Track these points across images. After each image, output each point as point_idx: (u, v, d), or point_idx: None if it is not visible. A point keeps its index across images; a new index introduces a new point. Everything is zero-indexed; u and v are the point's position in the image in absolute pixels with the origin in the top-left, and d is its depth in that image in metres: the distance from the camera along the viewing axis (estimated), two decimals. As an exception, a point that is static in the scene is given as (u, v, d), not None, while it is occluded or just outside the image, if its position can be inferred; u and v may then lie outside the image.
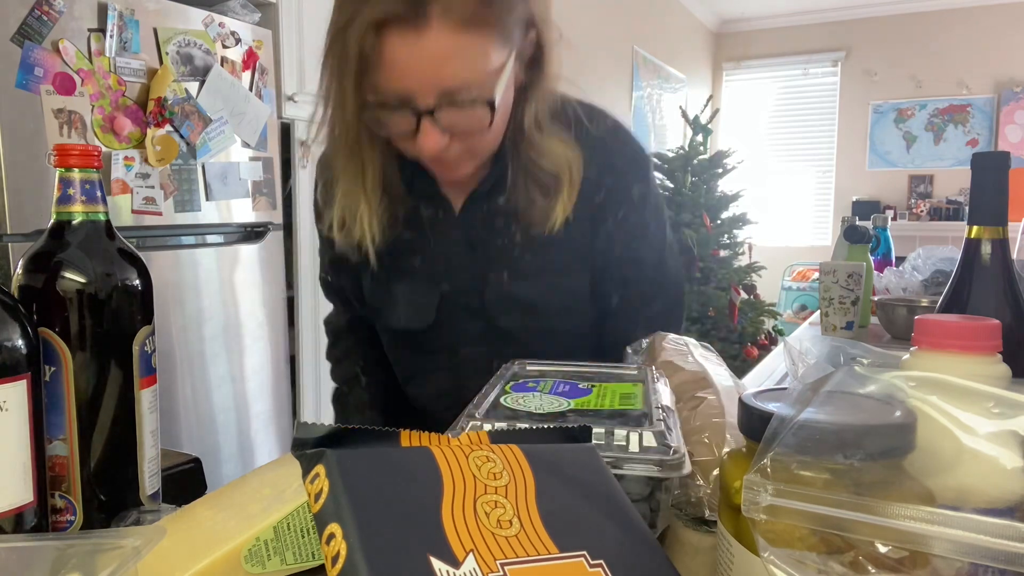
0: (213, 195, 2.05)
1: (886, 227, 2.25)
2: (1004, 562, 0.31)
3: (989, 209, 0.63)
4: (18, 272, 0.59)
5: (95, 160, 0.60)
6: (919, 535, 0.32)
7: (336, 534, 0.35)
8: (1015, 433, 0.37)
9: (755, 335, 4.23)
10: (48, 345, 0.57)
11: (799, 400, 0.41)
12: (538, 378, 0.67)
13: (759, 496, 0.35)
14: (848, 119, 6.42)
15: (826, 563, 0.34)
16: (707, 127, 4.53)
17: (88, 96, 1.72)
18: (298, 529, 0.49)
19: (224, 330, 2.11)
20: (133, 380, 0.61)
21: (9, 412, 0.51)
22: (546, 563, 0.37)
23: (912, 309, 1.61)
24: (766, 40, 6.64)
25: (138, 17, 1.82)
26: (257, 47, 2.15)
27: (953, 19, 5.96)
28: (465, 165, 0.87)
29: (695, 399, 0.65)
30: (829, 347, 0.50)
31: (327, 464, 0.38)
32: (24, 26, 1.60)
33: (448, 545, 0.35)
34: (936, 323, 0.47)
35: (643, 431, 0.51)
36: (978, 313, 0.59)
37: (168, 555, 0.47)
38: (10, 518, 0.52)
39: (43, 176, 1.63)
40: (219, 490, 0.57)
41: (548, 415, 0.56)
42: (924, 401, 0.39)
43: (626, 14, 4.92)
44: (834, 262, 1.71)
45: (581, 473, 0.44)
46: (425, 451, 0.41)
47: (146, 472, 0.63)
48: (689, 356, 0.77)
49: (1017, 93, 5.82)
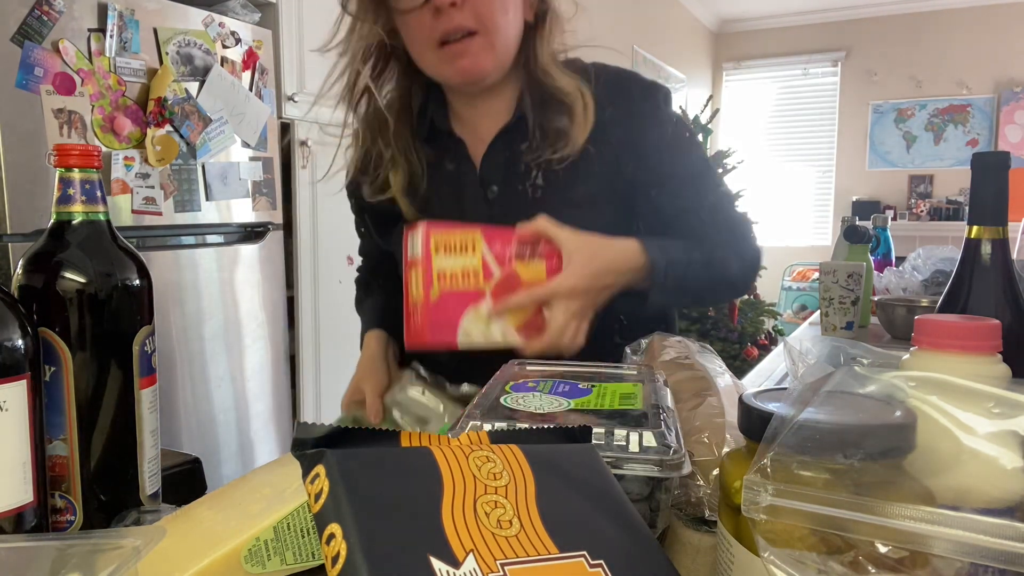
0: (213, 195, 2.05)
1: (886, 227, 2.25)
2: (1004, 562, 0.31)
3: (989, 209, 0.63)
4: (18, 272, 0.59)
5: (95, 160, 0.60)
6: (919, 535, 0.32)
7: (336, 534, 0.35)
8: (1015, 433, 0.36)
9: (755, 335, 4.23)
10: (48, 345, 0.57)
11: (799, 400, 0.41)
12: (538, 378, 0.67)
13: (759, 496, 0.35)
14: (848, 119, 6.42)
15: (826, 563, 0.34)
16: (707, 127, 4.53)
17: (88, 96, 1.72)
18: (298, 529, 0.49)
19: (224, 330, 2.11)
20: (133, 380, 0.61)
21: (9, 412, 0.51)
22: (546, 563, 0.37)
23: (912, 309, 1.61)
24: (766, 40, 6.64)
25: (138, 17, 1.82)
26: (257, 47, 2.15)
27: (953, 19, 5.96)
28: (485, 58, 0.89)
29: (695, 399, 0.65)
30: (829, 347, 0.50)
31: (327, 464, 0.37)
32: (24, 26, 1.60)
33: (448, 545, 0.35)
34: (936, 323, 0.47)
35: (643, 431, 0.51)
36: (978, 313, 0.59)
37: (168, 555, 0.47)
38: (10, 518, 0.52)
39: (43, 176, 1.63)
40: (219, 490, 0.57)
41: (548, 415, 0.56)
42: (924, 401, 0.39)
43: (626, 14, 4.92)
44: (834, 262, 1.71)
45: (581, 473, 0.44)
46: (425, 451, 0.41)
47: (146, 472, 0.63)
48: (689, 356, 0.77)
49: (1017, 93, 5.82)
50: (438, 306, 0.78)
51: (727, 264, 0.94)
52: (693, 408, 0.63)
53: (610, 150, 0.95)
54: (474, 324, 0.79)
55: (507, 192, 0.96)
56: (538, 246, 0.82)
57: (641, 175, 0.95)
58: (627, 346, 0.86)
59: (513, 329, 0.80)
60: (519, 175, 0.95)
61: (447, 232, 0.79)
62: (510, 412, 0.57)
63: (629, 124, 0.95)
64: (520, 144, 0.96)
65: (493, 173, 0.97)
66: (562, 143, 0.92)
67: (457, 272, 0.78)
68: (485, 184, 0.97)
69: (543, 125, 0.94)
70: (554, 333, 0.79)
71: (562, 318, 0.80)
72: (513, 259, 0.80)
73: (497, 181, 0.97)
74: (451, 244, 0.79)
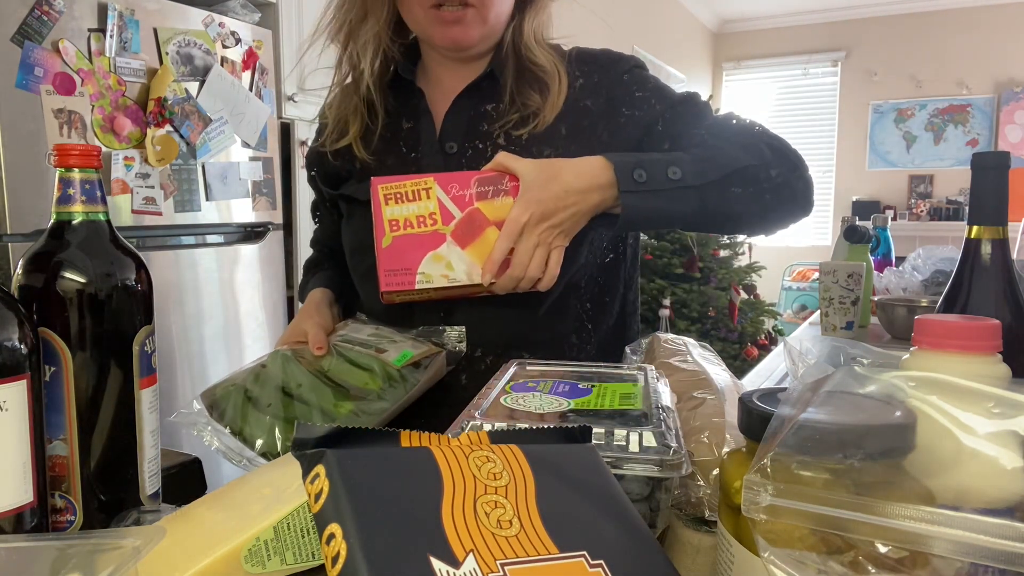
0: (213, 195, 2.05)
1: (886, 227, 2.25)
2: (1004, 562, 0.31)
3: (989, 209, 0.63)
4: (18, 272, 0.59)
5: (95, 160, 0.60)
6: (919, 535, 0.32)
7: (336, 534, 0.35)
8: (1015, 433, 0.36)
9: (755, 335, 4.23)
10: (48, 345, 0.57)
11: (799, 400, 0.41)
12: (538, 378, 0.67)
13: (759, 496, 0.35)
14: (848, 119, 6.42)
15: (826, 563, 0.34)
16: (707, 127, 4.52)
17: (88, 96, 1.72)
18: (298, 529, 0.49)
19: (224, 330, 2.11)
20: (133, 380, 0.61)
21: (9, 412, 0.51)
22: (546, 563, 0.37)
23: (912, 309, 1.61)
24: (766, 40, 6.64)
25: (138, 17, 1.82)
26: (257, 47, 2.15)
27: (953, 19, 5.96)
28: (475, 30, 0.90)
29: (695, 399, 0.65)
30: (829, 347, 0.50)
31: (327, 464, 0.38)
32: (24, 26, 1.60)
33: (448, 545, 0.35)
34: (936, 323, 0.47)
35: (643, 431, 0.51)
36: (978, 313, 0.59)
37: (168, 555, 0.47)
38: (10, 518, 0.52)
39: (43, 176, 1.63)
40: (219, 490, 0.57)
41: (548, 415, 0.56)
42: (924, 401, 0.39)
43: (626, 14, 4.92)
44: (834, 262, 1.71)
45: (581, 473, 0.44)
46: (425, 451, 0.41)
47: (146, 472, 0.63)
48: (688, 356, 0.77)
49: (1017, 93, 5.82)
50: (390, 252, 0.79)
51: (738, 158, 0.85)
52: (693, 408, 0.63)
53: (587, 120, 0.93)
54: (433, 266, 0.79)
55: (466, 149, 0.95)
56: (502, 183, 0.81)
57: (621, 135, 0.93)
58: (627, 346, 0.86)
59: (478, 267, 0.79)
60: (480, 134, 0.94)
61: (396, 182, 0.80)
62: (510, 412, 0.57)
63: (601, 92, 0.94)
64: (486, 104, 0.95)
65: (454, 129, 0.96)
66: (531, 118, 0.92)
67: (412, 218, 0.79)
68: (443, 139, 0.96)
69: (515, 94, 0.94)
70: (517, 264, 0.78)
71: (523, 247, 0.78)
72: (474, 199, 0.80)
73: (457, 138, 0.95)
74: (402, 193, 0.80)
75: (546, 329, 0.93)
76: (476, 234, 0.79)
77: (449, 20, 0.88)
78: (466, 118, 0.96)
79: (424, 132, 0.97)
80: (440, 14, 0.88)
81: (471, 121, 0.95)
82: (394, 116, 0.99)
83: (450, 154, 0.95)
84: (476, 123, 0.95)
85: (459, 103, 0.96)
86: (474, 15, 0.88)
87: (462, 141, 0.95)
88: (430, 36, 0.92)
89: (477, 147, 0.94)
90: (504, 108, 0.94)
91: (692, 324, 3.98)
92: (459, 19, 0.88)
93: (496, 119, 0.94)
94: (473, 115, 0.95)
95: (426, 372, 0.84)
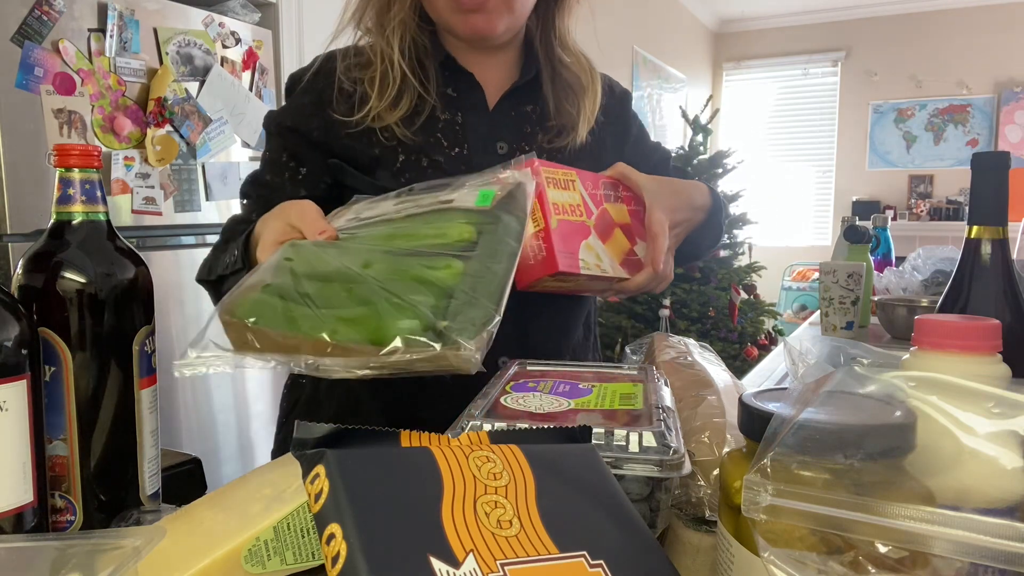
0: (213, 195, 2.05)
1: (886, 227, 2.25)
2: (1004, 562, 0.31)
3: (989, 209, 0.63)
4: (18, 272, 0.59)
5: (95, 160, 0.60)
6: (919, 535, 0.32)
7: (336, 534, 0.35)
8: (1015, 433, 0.36)
9: (755, 335, 4.22)
10: (48, 345, 0.57)
11: (799, 400, 0.41)
12: (538, 378, 0.67)
13: (759, 496, 0.35)
14: (848, 119, 6.42)
15: (826, 563, 0.34)
16: (707, 127, 4.52)
17: (88, 96, 1.72)
18: (298, 529, 0.49)
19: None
20: (133, 380, 0.61)
21: (9, 412, 0.51)
22: (546, 563, 0.36)
23: (912, 309, 1.61)
24: (766, 40, 6.64)
25: (138, 17, 1.82)
26: (257, 47, 2.15)
27: (953, 19, 5.96)
28: (500, 19, 0.86)
29: (695, 399, 0.65)
30: (829, 347, 0.50)
31: (327, 464, 0.37)
32: (24, 26, 1.60)
33: (448, 545, 0.35)
34: (936, 323, 0.47)
35: (643, 431, 0.51)
36: (978, 313, 0.59)
37: (168, 555, 0.47)
38: (10, 518, 0.52)
39: (43, 176, 1.63)
40: (219, 490, 0.57)
41: (548, 415, 0.56)
42: (924, 401, 0.39)
43: (626, 14, 4.92)
44: (834, 262, 1.71)
45: (581, 473, 0.44)
46: (425, 451, 0.41)
47: (146, 472, 0.63)
48: (689, 356, 0.77)
49: (1017, 93, 5.82)
50: (559, 234, 0.77)
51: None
52: (693, 408, 0.63)
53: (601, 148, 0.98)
54: (588, 255, 0.79)
55: (514, 151, 0.92)
56: (618, 190, 0.86)
57: None
58: (627, 346, 0.86)
59: (616, 262, 0.81)
60: (525, 136, 0.94)
61: (552, 168, 0.80)
62: (510, 412, 0.57)
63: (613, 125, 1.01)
64: (527, 105, 0.95)
65: (503, 128, 0.93)
66: (568, 130, 0.94)
67: (565, 205, 0.79)
68: (495, 138, 0.93)
69: (556, 102, 0.95)
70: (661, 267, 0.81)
71: (662, 252, 0.81)
72: (602, 200, 0.83)
73: (507, 138, 0.93)
74: (556, 180, 0.80)
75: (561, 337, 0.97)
76: (609, 232, 0.82)
77: (473, 8, 0.84)
78: (512, 119, 0.94)
79: (471, 128, 0.92)
80: (464, 1, 0.84)
81: (516, 122, 0.94)
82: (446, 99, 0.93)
83: (500, 154, 0.92)
84: (520, 125, 0.94)
85: (505, 102, 0.94)
86: (497, 2, 0.85)
87: (510, 142, 0.93)
88: (452, 26, 0.88)
89: (524, 150, 0.92)
90: (543, 112, 0.95)
91: (692, 324, 3.98)
92: (483, 7, 0.84)
93: (536, 122, 0.94)
94: (515, 115, 0.94)
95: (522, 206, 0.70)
